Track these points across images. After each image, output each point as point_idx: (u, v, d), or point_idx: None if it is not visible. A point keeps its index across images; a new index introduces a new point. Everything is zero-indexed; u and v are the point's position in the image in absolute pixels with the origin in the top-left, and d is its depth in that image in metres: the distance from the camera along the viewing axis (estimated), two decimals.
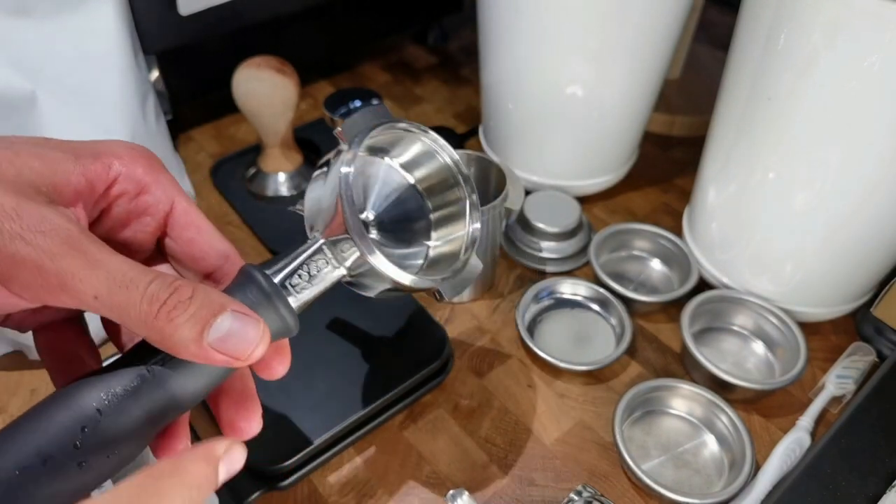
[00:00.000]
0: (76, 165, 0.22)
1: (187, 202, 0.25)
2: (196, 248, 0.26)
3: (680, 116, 0.69)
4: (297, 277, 0.25)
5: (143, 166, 0.24)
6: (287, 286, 0.25)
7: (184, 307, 0.20)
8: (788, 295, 0.48)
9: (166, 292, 0.20)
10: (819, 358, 0.49)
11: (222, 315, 0.20)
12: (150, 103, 0.50)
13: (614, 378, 0.48)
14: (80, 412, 0.20)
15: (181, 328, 0.20)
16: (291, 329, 0.24)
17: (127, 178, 0.24)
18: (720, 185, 0.49)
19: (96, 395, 0.21)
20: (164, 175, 0.25)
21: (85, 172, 0.22)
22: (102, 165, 0.23)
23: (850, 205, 0.41)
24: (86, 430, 0.20)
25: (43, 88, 0.42)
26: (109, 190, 0.24)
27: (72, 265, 0.20)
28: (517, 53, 0.52)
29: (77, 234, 0.20)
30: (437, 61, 0.83)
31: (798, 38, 0.38)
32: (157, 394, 0.22)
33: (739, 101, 0.44)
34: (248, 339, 0.21)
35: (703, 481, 0.42)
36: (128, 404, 0.21)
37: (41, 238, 0.20)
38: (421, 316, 0.47)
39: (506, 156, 0.60)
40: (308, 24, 0.70)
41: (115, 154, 0.24)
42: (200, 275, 0.26)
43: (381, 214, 0.30)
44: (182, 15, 0.55)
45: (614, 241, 0.55)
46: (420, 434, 0.44)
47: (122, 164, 0.24)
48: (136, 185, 0.24)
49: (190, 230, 0.26)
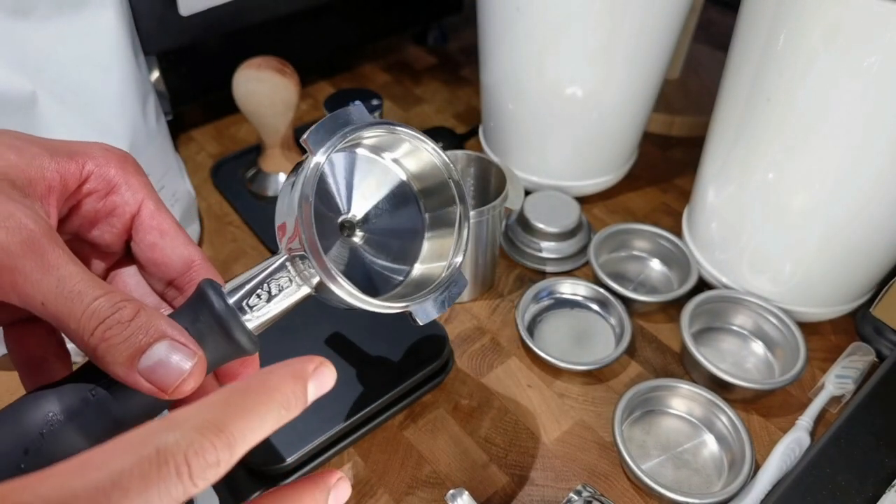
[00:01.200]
0: (51, 161, 0.23)
1: (156, 205, 0.25)
2: (158, 252, 0.25)
3: (679, 117, 0.69)
4: (256, 297, 0.24)
5: (115, 167, 0.24)
6: (244, 307, 0.24)
7: (121, 328, 0.20)
8: (788, 295, 0.48)
9: (109, 311, 0.20)
10: (818, 358, 0.49)
11: (158, 343, 0.20)
12: (151, 104, 0.50)
13: (614, 378, 0.48)
14: (24, 435, 0.20)
15: (113, 350, 0.20)
16: (247, 350, 0.24)
17: (98, 177, 0.24)
18: (719, 185, 0.49)
19: (41, 416, 0.20)
20: (136, 177, 0.25)
21: (59, 169, 0.23)
22: (76, 164, 0.23)
23: (850, 205, 0.41)
24: (28, 452, 0.20)
25: (43, 89, 0.42)
26: (80, 187, 0.24)
27: (26, 266, 0.20)
28: (517, 54, 0.53)
29: (39, 235, 0.20)
30: (437, 62, 0.83)
31: (797, 38, 0.38)
32: (99, 420, 0.21)
33: (739, 101, 0.44)
34: (178, 370, 0.21)
35: (703, 481, 0.42)
36: (69, 430, 0.21)
37: (3, 234, 0.20)
38: None
39: (506, 156, 0.60)
40: (308, 24, 0.70)
41: (89, 154, 0.24)
42: (164, 281, 0.26)
43: (371, 216, 0.29)
44: (182, 15, 0.55)
45: (614, 241, 0.55)
46: (420, 434, 0.44)
47: (95, 163, 0.24)
48: (107, 185, 0.24)
49: (153, 234, 0.25)
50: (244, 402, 0.16)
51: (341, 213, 0.28)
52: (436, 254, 0.31)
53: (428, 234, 0.31)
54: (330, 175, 0.28)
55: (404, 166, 0.30)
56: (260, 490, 0.40)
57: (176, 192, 0.51)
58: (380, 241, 0.29)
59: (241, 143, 0.69)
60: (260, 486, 0.40)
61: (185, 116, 0.71)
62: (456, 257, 0.30)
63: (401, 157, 0.30)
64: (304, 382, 0.19)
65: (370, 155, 0.29)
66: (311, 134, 0.25)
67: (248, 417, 0.16)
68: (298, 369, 0.19)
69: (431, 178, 0.30)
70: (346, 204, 0.29)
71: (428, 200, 0.31)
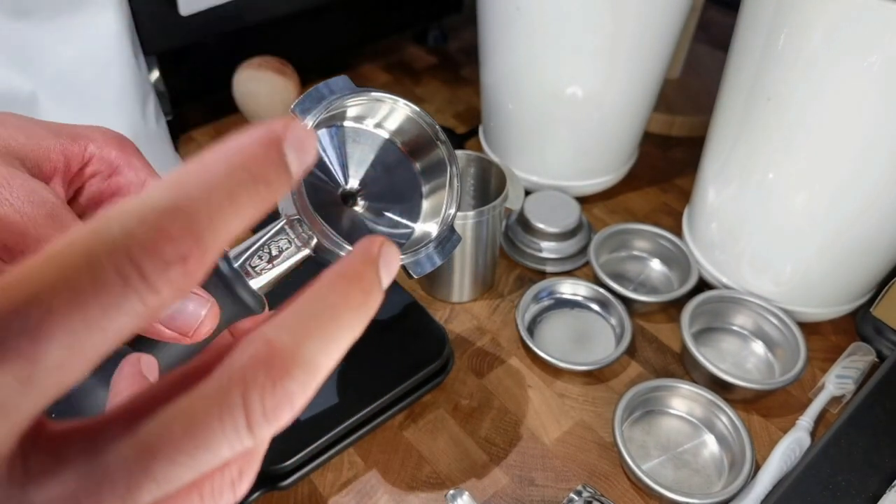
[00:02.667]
0: (56, 143, 0.24)
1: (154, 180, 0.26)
2: None
3: (680, 116, 0.69)
4: (258, 259, 0.26)
5: (116, 149, 0.25)
6: (248, 269, 0.25)
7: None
8: (788, 295, 0.48)
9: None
10: (819, 358, 0.49)
11: None
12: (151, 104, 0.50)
13: (614, 378, 0.48)
14: None
15: None
16: (253, 308, 0.25)
17: (100, 159, 0.25)
18: (720, 185, 0.49)
19: None
20: (137, 158, 0.26)
21: (63, 150, 0.24)
22: (79, 146, 0.24)
23: (850, 205, 0.41)
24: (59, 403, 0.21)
25: (44, 89, 0.42)
26: (83, 169, 0.25)
27: (52, 237, 0.21)
28: (517, 54, 0.53)
29: (61, 208, 0.22)
30: (437, 62, 0.83)
31: (798, 38, 0.38)
32: None
33: (739, 101, 0.44)
34: (195, 316, 0.22)
35: (703, 481, 0.42)
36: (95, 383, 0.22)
37: (29, 206, 0.21)
38: (421, 316, 0.47)
39: (506, 156, 0.60)
40: (308, 24, 0.70)
41: (90, 137, 0.25)
42: None
43: (369, 184, 0.30)
44: (182, 15, 0.55)
45: (614, 241, 0.55)
46: (420, 434, 0.44)
47: (96, 146, 0.25)
48: (109, 167, 0.25)
49: None
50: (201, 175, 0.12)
51: (340, 186, 0.30)
52: (434, 211, 0.32)
53: (425, 193, 0.32)
54: (323, 151, 0.29)
55: (389, 130, 0.32)
56: (259, 491, 0.40)
57: None
58: (381, 206, 0.31)
59: None
60: (260, 486, 0.40)
61: (185, 116, 0.71)
62: (449, 209, 0.31)
63: (385, 122, 0.31)
64: (376, 266, 0.15)
65: (357, 126, 0.31)
66: (298, 104, 0.27)
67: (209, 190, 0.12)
68: (365, 252, 0.15)
69: (418, 139, 0.32)
70: (343, 176, 0.30)
71: (420, 161, 0.32)
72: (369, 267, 0.14)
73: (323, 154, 0.29)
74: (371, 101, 0.29)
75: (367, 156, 0.31)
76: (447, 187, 0.31)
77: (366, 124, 0.31)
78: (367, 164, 0.31)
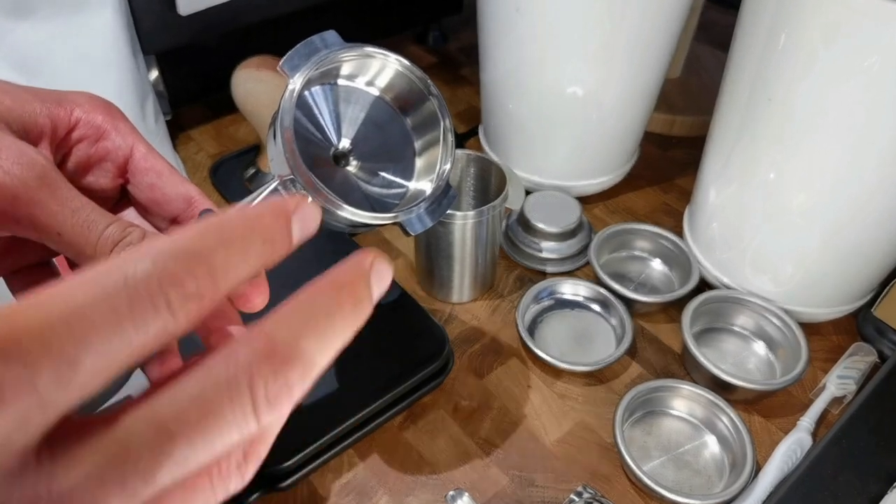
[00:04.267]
0: (42, 107, 0.24)
1: (146, 148, 0.26)
2: (157, 192, 0.26)
3: (680, 116, 0.69)
4: None
5: (102, 113, 0.25)
6: None
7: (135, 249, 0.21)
8: (789, 295, 0.48)
9: (120, 235, 0.22)
10: (820, 358, 0.49)
11: None
12: (150, 103, 0.50)
13: (615, 379, 0.48)
14: None
15: None
16: None
17: (87, 123, 0.25)
18: (720, 185, 0.48)
19: None
20: (123, 123, 0.26)
21: (50, 114, 0.24)
22: (65, 110, 0.24)
23: (851, 205, 0.41)
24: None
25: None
26: (70, 134, 0.25)
27: (42, 198, 0.21)
28: (517, 54, 0.52)
29: (50, 170, 0.22)
30: (438, 62, 0.83)
31: (798, 38, 0.38)
32: None
33: (739, 101, 0.44)
34: None
35: (704, 482, 0.41)
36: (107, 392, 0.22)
37: (18, 169, 0.21)
38: (421, 316, 0.47)
39: (506, 156, 0.60)
40: (307, 24, 0.70)
41: (76, 102, 0.25)
42: (167, 220, 0.27)
43: (361, 143, 0.30)
44: (181, 15, 0.55)
45: (615, 241, 0.55)
46: (420, 435, 0.44)
47: (82, 110, 0.25)
48: (96, 131, 0.25)
49: (150, 175, 0.26)
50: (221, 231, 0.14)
51: (332, 146, 0.29)
52: (429, 168, 0.31)
53: (418, 150, 0.32)
54: (315, 109, 0.29)
55: (380, 87, 0.31)
56: (259, 492, 0.40)
57: None
58: (374, 166, 0.30)
59: (240, 143, 0.68)
60: (260, 486, 0.40)
61: (184, 116, 0.70)
62: (444, 164, 0.30)
63: (376, 79, 0.31)
64: (367, 278, 0.16)
65: (348, 84, 0.30)
66: (286, 61, 0.27)
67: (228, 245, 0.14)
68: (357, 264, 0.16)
69: (410, 94, 0.31)
70: (335, 136, 0.29)
71: (412, 118, 0.32)
72: (361, 279, 0.16)
73: (316, 112, 0.29)
74: (362, 57, 0.29)
75: (358, 115, 0.30)
76: (441, 142, 0.31)
77: (357, 82, 0.30)
78: (359, 123, 0.30)
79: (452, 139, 0.31)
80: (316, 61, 0.27)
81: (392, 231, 0.59)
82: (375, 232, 0.59)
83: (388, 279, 0.17)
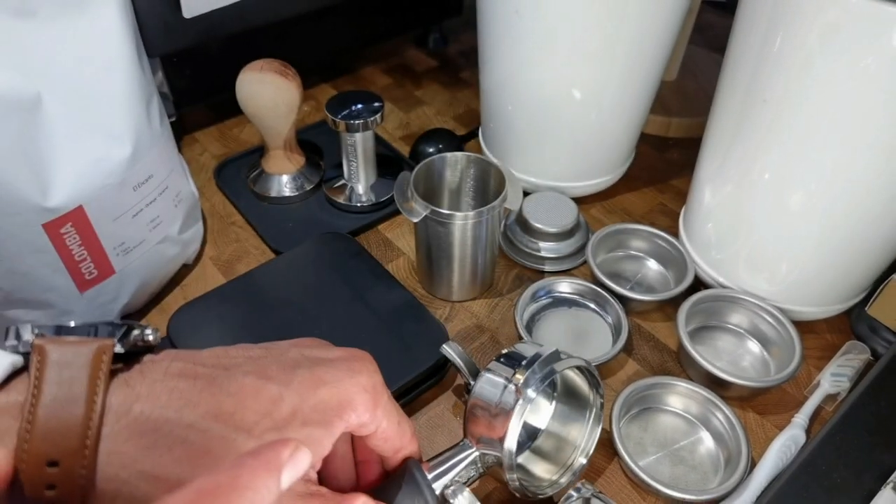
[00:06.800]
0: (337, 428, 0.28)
1: (388, 423, 0.30)
2: (378, 448, 0.31)
3: (676, 118, 0.70)
4: (452, 483, 0.33)
5: (370, 412, 0.28)
6: (444, 494, 0.32)
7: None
8: (783, 294, 0.48)
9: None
10: (814, 356, 0.49)
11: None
12: (155, 105, 0.50)
13: (611, 376, 0.48)
14: None
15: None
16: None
17: (358, 426, 0.29)
18: (716, 185, 0.49)
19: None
20: (381, 409, 0.29)
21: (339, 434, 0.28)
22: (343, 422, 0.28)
23: (846, 205, 0.42)
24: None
25: (48, 90, 0.43)
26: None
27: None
28: (516, 57, 0.53)
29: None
30: (438, 64, 0.83)
31: (794, 40, 0.38)
32: None
33: (735, 102, 0.45)
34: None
35: (700, 478, 0.42)
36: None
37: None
38: (421, 314, 0.48)
39: (505, 157, 0.61)
40: (311, 27, 0.71)
41: (353, 406, 0.28)
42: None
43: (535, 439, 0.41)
44: (186, 17, 0.56)
45: (611, 240, 0.56)
46: (420, 431, 0.45)
47: (356, 415, 0.28)
48: (359, 427, 0.29)
49: (376, 439, 0.30)
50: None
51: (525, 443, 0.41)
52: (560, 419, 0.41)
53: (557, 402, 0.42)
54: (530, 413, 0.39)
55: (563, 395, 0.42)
56: None
57: (180, 193, 0.52)
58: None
59: (244, 145, 0.69)
60: None
61: (188, 118, 0.71)
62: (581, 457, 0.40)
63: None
64: (279, 473, 0.19)
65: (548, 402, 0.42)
66: (525, 384, 0.34)
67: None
68: (272, 458, 0.19)
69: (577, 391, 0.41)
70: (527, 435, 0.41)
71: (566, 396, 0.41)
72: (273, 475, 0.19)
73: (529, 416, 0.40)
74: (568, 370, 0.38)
75: (543, 420, 0.41)
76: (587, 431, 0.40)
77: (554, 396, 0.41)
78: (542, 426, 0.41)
79: (597, 437, 0.40)
80: (543, 377, 0.35)
81: (393, 231, 0.60)
82: (377, 230, 0.59)
83: (304, 468, 0.20)
